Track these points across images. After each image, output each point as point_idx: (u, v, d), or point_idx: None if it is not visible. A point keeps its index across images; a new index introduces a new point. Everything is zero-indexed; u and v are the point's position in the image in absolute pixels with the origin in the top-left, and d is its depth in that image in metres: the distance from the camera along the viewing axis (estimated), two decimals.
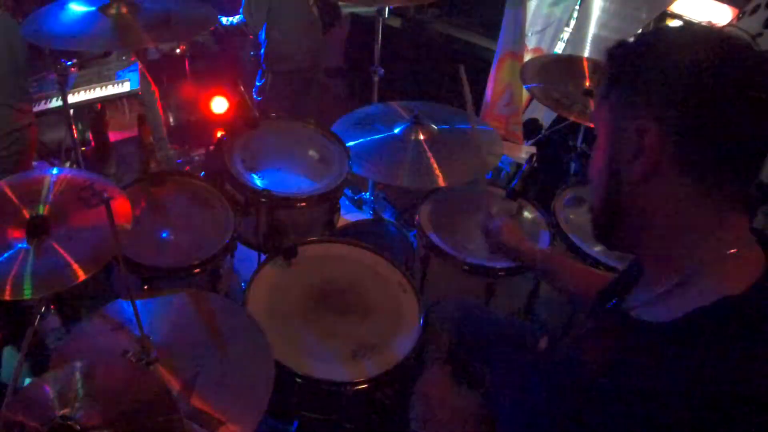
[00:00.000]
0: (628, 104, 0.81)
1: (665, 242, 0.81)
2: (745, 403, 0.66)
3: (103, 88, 2.87)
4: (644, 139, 0.77)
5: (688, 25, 0.89)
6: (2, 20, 2.23)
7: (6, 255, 1.36)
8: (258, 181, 1.94)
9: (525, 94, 3.10)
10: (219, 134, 3.28)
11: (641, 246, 0.87)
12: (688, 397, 0.67)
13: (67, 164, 2.82)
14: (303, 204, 1.93)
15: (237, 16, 3.09)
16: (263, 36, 3.11)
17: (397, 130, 2.20)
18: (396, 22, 4.00)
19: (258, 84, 3.25)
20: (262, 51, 3.14)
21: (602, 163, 0.86)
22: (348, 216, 2.66)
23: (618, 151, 0.82)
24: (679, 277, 0.79)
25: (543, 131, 3.16)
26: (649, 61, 0.79)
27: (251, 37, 3.26)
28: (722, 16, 2.89)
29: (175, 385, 1.24)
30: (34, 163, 2.62)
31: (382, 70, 2.73)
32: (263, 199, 1.86)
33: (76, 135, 2.43)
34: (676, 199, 0.78)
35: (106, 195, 1.48)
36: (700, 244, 0.78)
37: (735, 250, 0.76)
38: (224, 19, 3.11)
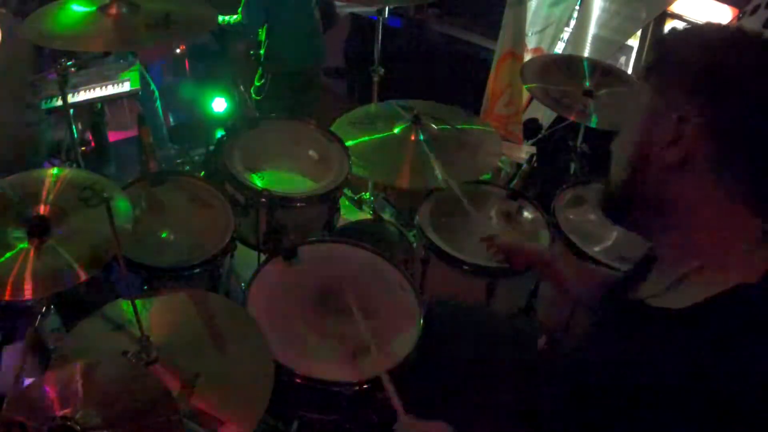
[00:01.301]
0: (674, 90, 0.79)
1: (679, 230, 0.82)
2: (759, 387, 0.66)
3: (103, 88, 2.87)
4: (684, 127, 0.76)
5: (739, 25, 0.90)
6: (7, 20, 2.24)
7: (6, 255, 1.36)
8: (258, 181, 1.94)
9: (525, 94, 3.10)
10: (219, 134, 3.27)
11: (653, 229, 0.87)
12: (704, 381, 0.68)
13: (67, 164, 2.82)
14: (303, 204, 1.94)
15: (235, 16, 3.08)
16: (263, 36, 3.11)
17: (396, 130, 2.20)
18: (396, 22, 4.01)
19: (257, 84, 3.25)
20: (262, 51, 3.14)
21: (633, 142, 0.84)
22: (348, 216, 2.66)
23: (653, 134, 0.81)
24: (692, 265, 0.80)
25: (543, 131, 3.16)
26: (704, 55, 0.78)
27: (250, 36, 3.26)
28: (722, 16, 2.89)
29: (175, 385, 1.24)
30: None
31: (383, 70, 2.73)
32: (263, 199, 1.86)
33: (76, 135, 2.43)
34: (699, 192, 0.78)
35: (106, 195, 1.48)
36: (714, 236, 0.78)
37: (748, 245, 0.77)
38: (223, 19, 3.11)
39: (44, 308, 1.67)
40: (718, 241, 0.78)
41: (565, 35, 3.32)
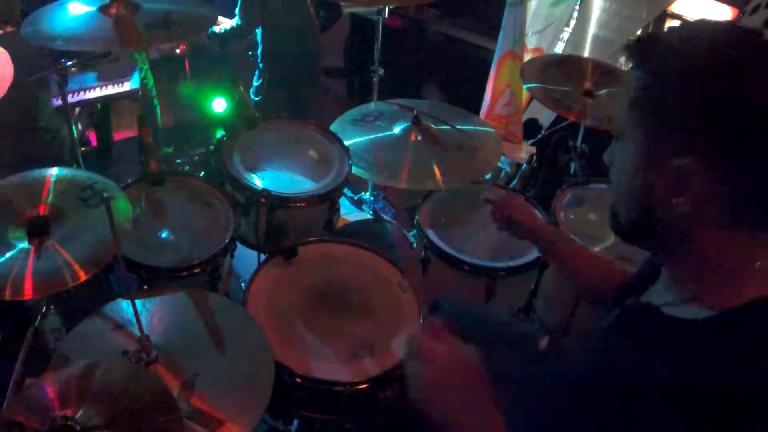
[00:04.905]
0: (667, 130, 0.70)
1: (694, 257, 0.78)
2: None
3: (103, 88, 2.87)
4: (689, 181, 0.69)
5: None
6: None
7: (6, 255, 1.36)
8: (258, 181, 1.94)
9: (525, 94, 3.10)
10: (219, 134, 3.26)
11: (665, 253, 0.84)
12: (718, 392, 0.67)
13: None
14: (303, 204, 1.93)
15: (234, 19, 3.08)
16: (259, 36, 3.11)
17: (396, 130, 2.20)
18: (396, 22, 4.00)
19: (255, 84, 3.25)
20: (259, 51, 3.14)
21: (634, 177, 0.76)
22: (348, 216, 2.66)
23: (653, 179, 0.73)
24: (708, 283, 0.77)
25: (543, 131, 3.16)
26: (701, 86, 0.66)
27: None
28: (722, 16, 2.89)
29: (175, 385, 1.24)
30: None
31: (382, 70, 2.73)
32: (263, 199, 1.86)
33: (76, 135, 2.42)
34: (717, 231, 0.74)
35: (106, 195, 1.48)
36: (731, 259, 0.76)
37: (764, 262, 0.75)
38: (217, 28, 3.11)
39: (44, 308, 1.67)
40: (735, 263, 0.76)
41: (565, 35, 3.32)
